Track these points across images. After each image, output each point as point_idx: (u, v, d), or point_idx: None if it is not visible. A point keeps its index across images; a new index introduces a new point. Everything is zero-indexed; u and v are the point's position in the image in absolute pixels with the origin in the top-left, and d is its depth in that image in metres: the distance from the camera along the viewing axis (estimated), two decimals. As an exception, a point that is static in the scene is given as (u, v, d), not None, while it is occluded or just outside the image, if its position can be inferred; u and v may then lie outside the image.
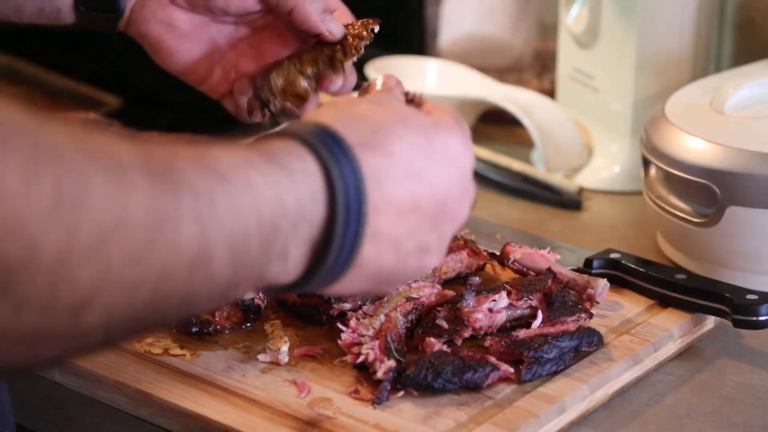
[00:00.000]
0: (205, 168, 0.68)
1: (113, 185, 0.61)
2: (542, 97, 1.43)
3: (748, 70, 1.23)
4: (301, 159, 0.73)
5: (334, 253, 0.74)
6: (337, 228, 0.74)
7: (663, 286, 1.05)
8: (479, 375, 0.91)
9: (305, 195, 0.72)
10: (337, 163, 0.74)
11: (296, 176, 0.72)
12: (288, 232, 0.72)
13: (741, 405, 0.97)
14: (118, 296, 0.62)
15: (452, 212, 0.81)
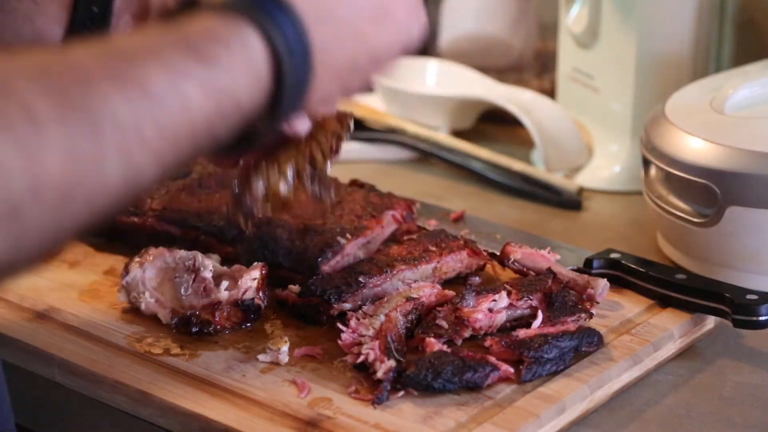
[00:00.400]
0: (128, 87, 0.67)
1: (24, 150, 0.62)
2: (542, 97, 1.43)
3: (748, 70, 1.23)
4: (241, 39, 0.72)
5: (288, 93, 0.75)
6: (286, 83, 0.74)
7: (663, 286, 1.05)
8: (479, 375, 0.91)
9: (245, 85, 0.73)
10: (282, 34, 0.74)
11: (235, 70, 0.72)
12: (225, 125, 0.72)
13: (741, 405, 0.97)
14: (39, 247, 0.64)
15: (395, 18, 0.84)
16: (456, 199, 1.32)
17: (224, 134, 0.73)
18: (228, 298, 1.00)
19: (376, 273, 1.03)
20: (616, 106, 1.35)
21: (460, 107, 1.45)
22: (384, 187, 1.19)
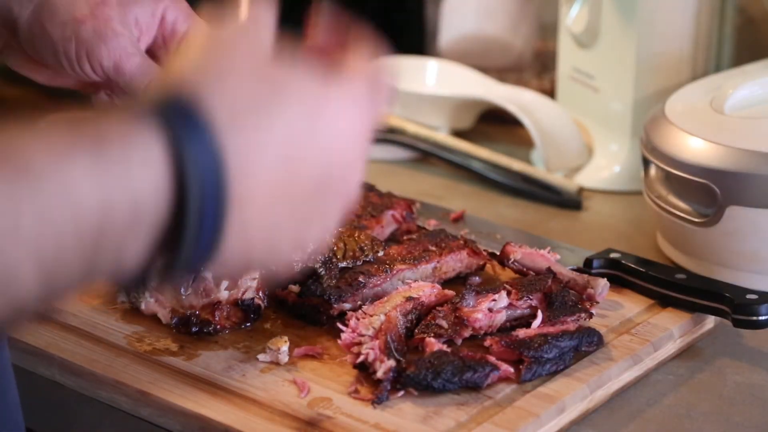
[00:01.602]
0: (10, 165, 0.59)
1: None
2: (542, 97, 1.43)
3: (748, 70, 1.23)
4: (143, 145, 0.62)
5: (186, 253, 0.64)
6: (189, 224, 0.63)
7: (663, 285, 1.05)
8: (479, 375, 0.91)
9: (144, 190, 0.62)
10: (191, 147, 0.63)
11: (133, 167, 0.61)
12: (120, 237, 0.62)
13: (741, 405, 0.97)
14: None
15: (337, 186, 0.70)
16: (456, 199, 1.32)
17: (131, 253, 0.63)
18: (228, 298, 1.00)
19: (376, 273, 1.03)
20: (616, 106, 1.35)
21: (460, 107, 1.45)
22: (384, 187, 1.19)
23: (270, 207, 0.67)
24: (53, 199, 0.60)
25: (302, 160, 0.68)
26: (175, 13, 0.97)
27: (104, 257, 0.62)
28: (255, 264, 0.70)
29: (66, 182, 0.60)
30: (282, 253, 0.70)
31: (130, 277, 0.65)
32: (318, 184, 0.69)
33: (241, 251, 0.67)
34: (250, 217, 0.66)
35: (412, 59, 1.52)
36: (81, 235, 0.60)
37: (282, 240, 0.70)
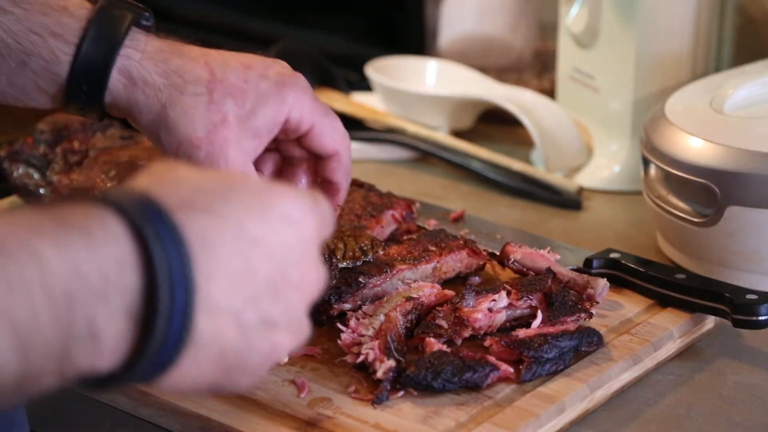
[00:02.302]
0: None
1: None
2: (542, 97, 1.43)
3: (748, 70, 1.23)
4: (102, 221, 0.64)
5: (161, 326, 0.64)
6: (161, 296, 0.64)
7: (663, 285, 1.05)
8: (479, 375, 0.91)
9: (109, 261, 0.63)
10: (152, 224, 0.64)
11: (96, 240, 0.63)
12: (91, 304, 0.62)
13: (741, 405, 0.97)
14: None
15: (296, 281, 0.70)
16: (456, 199, 1.32)
17: (104, 320, 0.63)
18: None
19: (376, 273, 1.03)
20: (616, 106, 1.35)
21: (460, 107, 1.45)
22: (384, 187, 1.19)
23: (234, 289, 0.67)
24: (24, 270, 0.60)
25: (258, 243, 0.69)
26: (300, 113, 0.96)
27: (78, 328, 0.62)
28: (228, 363, 0.69)
29: (34, 254, 0.61)
30: (253, 350, 0.69)
31: (106, 364, 0.64)
32: (277, 274, 0.69)
33: (212, 340, 0.67)
34: (217, 296, 0.66)
35: (412, 59, 1.52)
36: (52, 300, 0.61)
37: (251, 332, 0.69)
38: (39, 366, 0.62)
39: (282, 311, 0.70)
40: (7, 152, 1.21)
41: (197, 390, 0.69)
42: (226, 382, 0.69)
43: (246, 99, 0.94)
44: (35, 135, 1.23)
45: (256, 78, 0.95)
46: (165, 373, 0.66)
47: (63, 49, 0.92)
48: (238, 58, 0.96)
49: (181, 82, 0.93)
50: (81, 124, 1.24)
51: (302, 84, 0.96)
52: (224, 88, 0.93)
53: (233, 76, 0.94)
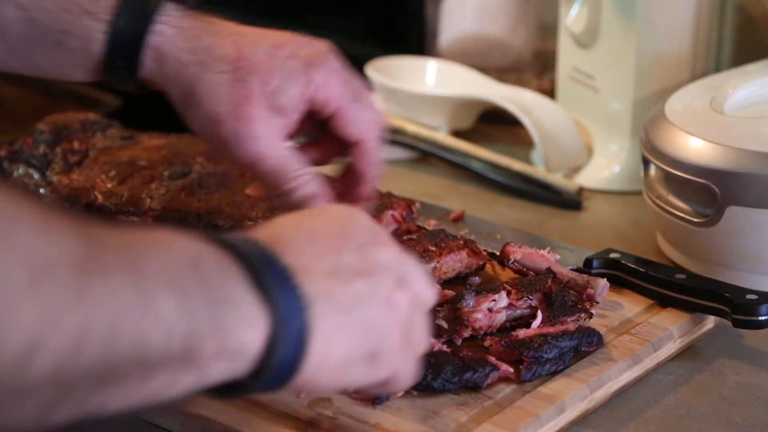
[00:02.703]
0: (119, 233, 0.67)
1: (38, 233, 0.62)
2: (542, 97, 1.43)
3: (748, 70, 1.23)
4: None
5: (253, 387, 0.72)
6: (264, 374, 0.71)
7: (663, 286, 1.05)
8: (479, 375, 0.91)
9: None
10: (287, 319, 0.71)
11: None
12: (217, 275, 0.69)
13: (741, 405, 0.97)
14: (66, 344, 0.61)
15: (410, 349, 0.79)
16: (456, 199, 1.32)
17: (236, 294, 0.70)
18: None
19: (376, 273, 1.03)
20: (616, 106, 1.35)
21: (460, 107, 1.45)
22: (384, 187, 1.19)
23: (342, 370, 0.75)
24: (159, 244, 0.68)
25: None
26: (326, 94, 0.96)
27: (218, 290, 0.68)
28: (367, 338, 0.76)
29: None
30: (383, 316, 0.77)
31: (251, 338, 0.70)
32: (376, 321, 0.76)
33: (315, 378, 0.74)
34: (325, 355, 0.73)
35: (412, 59, 1.52)
36: (193, 267, 0.68)
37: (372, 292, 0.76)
38: (201, 326, 0.67)
39: (373, 267, 0.77)
40: (7, 152, 1.22)
41: (349, 358, 0.75)
42: (371, 342, 0.75)
43: (272, 77, 0.94)
44: (35, 135, 1.23)
45: (284, 57, 0.95)
46: (308, 342, 0.71)
47: (96, 27, 0.94)
48: (270, 37, 0.97)
49: (208, 59, 0.95)
50: (81, 124, 1.24)
51: (332, 65, 0.97)
52: (250, 65, 0.95)
53: (261, 54, 0.95)
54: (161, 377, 0.67)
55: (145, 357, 0.65)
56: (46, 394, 0.63)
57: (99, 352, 0.63)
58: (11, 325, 0.59)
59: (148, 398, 0.68)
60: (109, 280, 0.64)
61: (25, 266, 0.60)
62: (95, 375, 0.64)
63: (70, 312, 0.62)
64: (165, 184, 1.14)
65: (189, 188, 1.14)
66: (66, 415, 0.65)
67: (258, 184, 1.14)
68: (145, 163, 1.17)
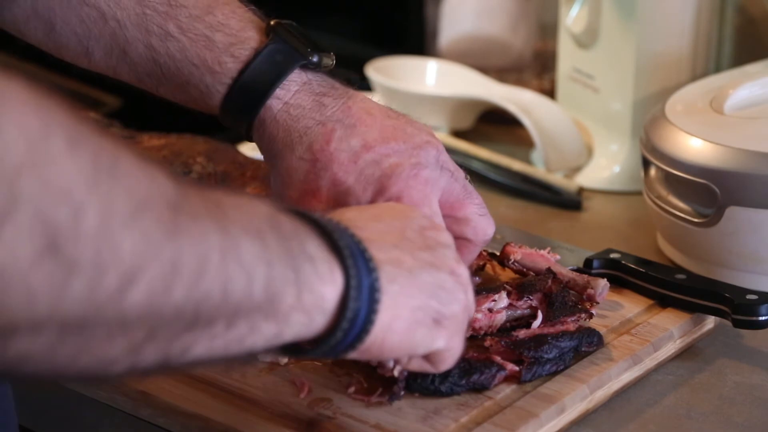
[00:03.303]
0: (203, 187, 0.70)
1: (139, 169, 0.64)
2: (542, 97, 1.43)
3: (748, 70, 1.23)
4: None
5: (322, 349, 0.77)
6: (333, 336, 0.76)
7: (663, 286, 1.05)
8: (486, 376, 0.91)
9: (293, 219, 0.75)
10: (361, 285, 0.76)
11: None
12: (293, 233, 0.73)
13: (741, 405, 0.97)
14: (158, 278, 0.64)
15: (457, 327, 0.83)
16: (456, 199, 1.32)
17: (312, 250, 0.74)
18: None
19: (376, 273, 1.03)
20: (616, 106, 1.35)
21: (460, 107, 1.45)
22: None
23: (409, 331, 0.80)
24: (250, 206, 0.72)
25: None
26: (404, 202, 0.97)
27: (294, 246, 0.73)
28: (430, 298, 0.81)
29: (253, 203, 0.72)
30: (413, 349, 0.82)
31: (329, 294, 0.75)
32: (442, 285, 0.82)
33: (382, 339, 0.78)
34: (393, 315, 0.78)
35: (412, 59, 1.52)
36: (270, 225, 0.72)
37: (432, 263, 0.82)
38: (281, 276, 0.71)
39: (435, 244, 0.83)
40: None
41: (418, 318, 0.80)
42: (438, 303, 0.81)
43: (346, 179, 0.94)
44: (35, 135, 1.22)
45: (366, 162, 0.94)
46: (379, 299, 0.77)
47: (217, 87, 0.96)
48: (370, 134, 0.95)
49: (298, 141, 0.95)
50: (81, 124, 1.24)
51: (421, 176, 0.96)
52: (329, 162, 0.94)
53: (344, 153, 0.94)
54: (243, 324, 0.70)
55: (229, 299, 0.68)
56: (136, 331, 0.64)
57: (187, 290, 0.65)
58: (112, 255, 0.61)
59: (231, 347, 0.70)
60: (199, 220, 0.66)
61: (127, 198, 0.62)
62: (183, 314, 0.66)
63: (164, 247, 0.64)
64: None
65: (189, 188, 1.13)
66: (152, 357, 0.67)
67: (258, 184, 1.14)
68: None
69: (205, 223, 0.67)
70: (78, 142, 0.61)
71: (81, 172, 0.61)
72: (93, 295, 0.61)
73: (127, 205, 0.62)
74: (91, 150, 0.62)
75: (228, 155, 1.19)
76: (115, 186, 0.62)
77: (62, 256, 0.59)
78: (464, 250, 0.97)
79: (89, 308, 0.61)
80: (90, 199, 0.60)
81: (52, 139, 0.60)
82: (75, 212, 0.60)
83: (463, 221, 0.98)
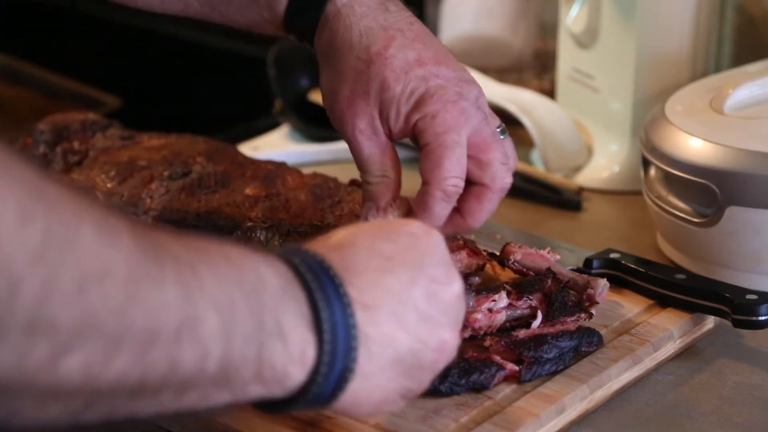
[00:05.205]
0: (185, 244, 0.68)
1: (100, 238, 0.62)
2: (542, 97, 1.43)
3: (748, 70, 1.23)
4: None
5: (329, 331, 0.72)
6: (321, 307, 0.73)
7: (663, 286, 1.05)
8: (485, 376, 0.91)
9: (280, 278, 0.72)
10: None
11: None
12: (275, 305, 0.71)
13: (741, 405, 0.97)
14: (98, 350, 0.62)
15: (441, 278, 0.80)
16: (456, 199, 1.32)
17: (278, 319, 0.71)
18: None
19: (376, 273, 1.03)
20: (615, 106, 1.35)
21: (460, 107, 1.45)
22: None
23: (388, 297, 0.76)
24: (221, 265, 0.69)
25: (395, 261, 0.77)
26: (436, 127, 0.97)
27: (268, 323, 0.70)
28: (408, 363, 0.78)
29: (227, 255, 0.70)
30: (428, 354, 0.78)
31: (294, 372, 0.72)
32: (423, 283, 0.78)
33: (385, 343, 0.76)
34: (374, 304, 0.75)
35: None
36: (245, 295, 0.69)
37: (421, 335, 0.78)
38: (240, 354, 0.69)
39: (437, 308, 0.78)
40: None
41: (387, 397, 0.77)
42: (410, 383, 0.78)
43: (394, 87, 0.97)
44: (35, 135, 1.23)
45: (416, 75, 0.98)
46: (350, 381, 0.74)
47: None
48: (426, 53, 1.00)
49: (357, 41, 0.98)
50: (81, 124, 1.24)
51: (460, 104, 0.99)
52: (383, 66, 0.97)
53: (399, 60, 0.97)
54: (195, 393, 0.69)
55: (177, 373, 0.66)
56: (75, 399, 0.64)
57: (130, 363, 0.64)
58: (46, 328, 0.60)
59: (181, 410, 0.69)
60: (163, 289, 0.65)
61: (75, 272, 0.61)
62: (125, 385, 0.65)
63: (110, 321, 0.62)
64: (165, 184, 1.13)
65: (189, 188, 1.14)
66: (97, 419, 0.66)
67: (258, 183, 1.14)
68: (145, 163, 1.17)
69: (168, 293, 0.65)
70: (31, 212, 0.60)
71: (26, 246, 0.59)
72: (21, 365, 0.60)
73: (73, 280, 0.61)
74: (44, 221, 0.60)
75: (228, 155, 1.19)
76: (64, 260, 0.60)
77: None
78: (481, 196, 0.98)
79: (19, 376, 0.60)
80: (31, 273, 0.59)
81: (1, 210, 0.58)
82: (11, 286, 0.58)
83: (485, 164, 0.98)
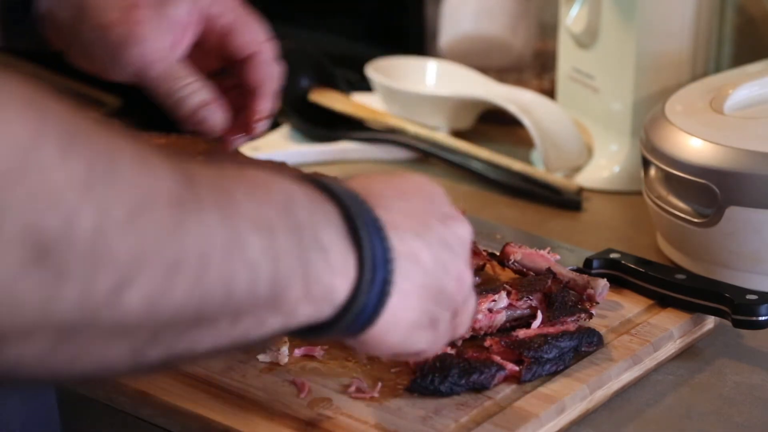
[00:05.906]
0: (214, 171, 0.68)
1: (139, 168, 0.63)
2: (542, 97, 1.43)
3: (748, 70, 1.23)
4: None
5: (367, 245, 0.73)
6: (358, 224, 0.73)
7: (663, 286, 1.05)
8: (485, 376, 0.91)
9: (312, 194, 0.72)
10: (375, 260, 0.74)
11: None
12: (309, 219, 0.71)
13: (741, 405, 0.97)
14: (156, 279, 0.63)
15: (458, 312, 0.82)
16: (456, 199, 1.31)
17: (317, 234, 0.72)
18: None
19: (376, 273, 1.03)
20: (615, 106, 1.35)
21: (460, 107, 1.45)
22: (384, 187, 1.19)
23: (413, 220, 0.78)
24: (254, 186, 0.70)
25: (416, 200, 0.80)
26: (220, 9, 0.98)
27: (308, 239, 0.70)
28: (432, 302, 0.79)
29: (261, 179, 0.70)
30: (450, 283, 0.80)
31: (338, 284, 0.72)
32: (445, 291, 0.79)
33: (412, 261, 0.76)
34: (402, 226, 0.76)
35: (412, 59, 1.52)
36: (283, 212, 0.69)
37: (443, 261, 0.79)
38: (287, 272, 0.69)
39: (454, 238, 0.80)
40: None
41: (419, 320, 0.78)
42: (437, 308, 0.79)
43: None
44: (35, 135, 1.22)
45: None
46: (390, 295, 0.74)
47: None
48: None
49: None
50: (81, 124, 1.24)
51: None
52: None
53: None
54: (249, 320, 0.69)
55: (233, 297, 0.67)
56: (138, 333, 0.64)
57: (188, 290, 0.64)
58: (106, 259, 0.60)
59: (237, 340, 0.69)
60: (203, 216, 0.65)
61: (124, 200, 0.61)
62: (185, 314, 0.65)
63: (163, 247, 0.63)
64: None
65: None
66: (158, 356, 0.66)
67: None
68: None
69: (210, 217, 0.65)
70: (71, 146, 0.60)
71: (73, 179, 0.59)
72: (87, 300, 0.60)
73: (123, 208, 0.61)
74: (85, 154, 0.61)
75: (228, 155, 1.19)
76: (110, 189, 0.61)
77: (52, 263, 0.58)
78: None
79: (83, 314, 0.60)
80: (83, 205, 0.59)
81: (44, 146, 0.59)
82: (67, 219, 0.59)
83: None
